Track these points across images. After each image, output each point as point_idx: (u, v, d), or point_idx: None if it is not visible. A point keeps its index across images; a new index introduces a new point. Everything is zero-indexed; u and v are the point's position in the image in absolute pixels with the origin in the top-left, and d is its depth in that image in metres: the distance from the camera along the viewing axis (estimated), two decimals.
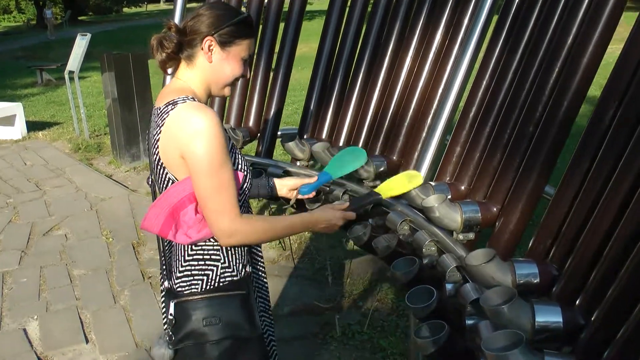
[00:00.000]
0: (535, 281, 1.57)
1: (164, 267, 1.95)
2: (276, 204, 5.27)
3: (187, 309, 1.83)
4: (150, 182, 1.99)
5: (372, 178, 2.47)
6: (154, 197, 1.95)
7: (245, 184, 1.87)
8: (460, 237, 1.98)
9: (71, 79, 8.73)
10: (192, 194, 1.76)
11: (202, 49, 1.79)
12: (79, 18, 40.34)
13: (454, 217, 1.93)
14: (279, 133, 3.12)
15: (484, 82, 2.20)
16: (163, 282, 2.00)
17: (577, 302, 1.42)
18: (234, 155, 1.84)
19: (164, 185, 1.83)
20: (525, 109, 1.92)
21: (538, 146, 1.82)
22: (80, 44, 8.47)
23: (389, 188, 2.23)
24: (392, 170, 2.52)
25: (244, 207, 1.92)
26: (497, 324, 1.39)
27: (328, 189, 2.57)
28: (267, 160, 2.94)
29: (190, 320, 1.83)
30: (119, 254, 4.99)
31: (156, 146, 1.78)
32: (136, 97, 7.25)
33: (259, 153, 3.03)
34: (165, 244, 1.97)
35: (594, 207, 1.48)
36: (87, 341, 3.73)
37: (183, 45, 1.81)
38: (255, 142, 3.19)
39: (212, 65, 1.82)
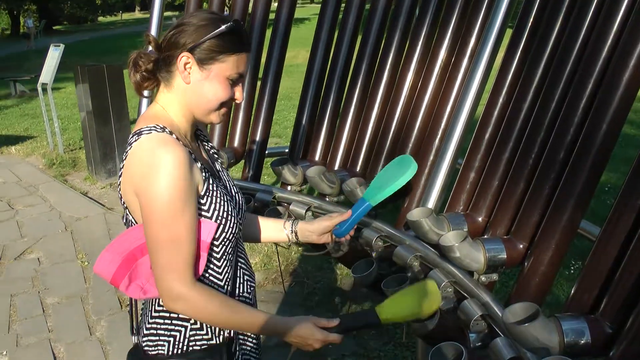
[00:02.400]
0: (585, 341, 1.32)
1: (132, 319, 1.70)
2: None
3: None
4: (125, 221, 1.71)
5: None
6: None
7: (225, 233, 1.57)
8: (483, 278, 1.72)
9: (44, 90, 8.40)
10: None
11: (177, 67, 1.51)
12: (54, 28, 39.82)
13: (477, 257, 1.67)
14: (270, 152, 2.85)
15: (501, 100, 1.94)
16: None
17: None
18: (209, 199, 1.53)
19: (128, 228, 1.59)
20: (554, 131, 1.67)
21: (573, 174, 1.57)
22: (54, 55, 8.16)
23: (394, 310, 1.63)
24: (395, 195, 2.26)
25: (227, 261, 1.63)
26: None
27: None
28: (255, 185, 2.67)
29: None
30: (94, 279, 4.68)
31: (119, 182, 1.54)
32: (112, 110, 6.95)
33: (246, 176, 2.76)
34: None
35: None
36: None
37: (160, 64, 1.53)
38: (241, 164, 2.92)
39: (190, 87, 1.52)
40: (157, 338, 1.59)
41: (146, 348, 1.61)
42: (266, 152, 2.86)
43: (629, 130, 8.59)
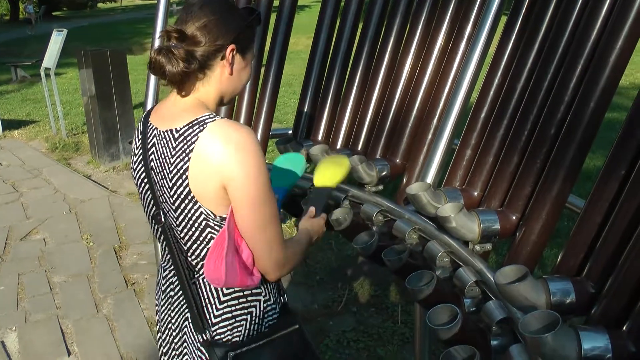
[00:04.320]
0: (570, 300, 1.43)
1: (199, 316, 1.62)
2: None
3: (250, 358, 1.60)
4: (154, 217, 1.64)
5: (375, 182, 2.31)
6: (164, 238, 1.62)
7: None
8: (477, 248, 1.83)
9: (47, 75, 8.48)
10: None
11: (222, 59, 1.52)
12: (53, 13, 39.73)
13: (471, 227, 1.78)
14: (270, 134, 2.95)
15: (497, 80, 2.04)
16: (182, 337, 1.69)
17: (626, 326, 1.28)
18: None
19: (192, 222, 1.54)
20: (545, 109, 1.77)
21: (562, 150, 1.67)
22: (56, 40, 8.23)
23: (325, 178, 2.06)
24: (396, 173, 2.36)
25: None
26: (538, 352, 1.25)
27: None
28: None
29: None
30: (100, 258, 4.80)
31: (184, 177, 1.48)
32: (115, 94, 7.04)
33: None
34: (175, 290, 1.70)
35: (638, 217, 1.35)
36: (69, 353, 3.57)
37: (194, 56, 1.49)
38: None
39: (232, 77, 1.56)
40: (234, 320, 1.61)
41: (220, 337, 1.60)
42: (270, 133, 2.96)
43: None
